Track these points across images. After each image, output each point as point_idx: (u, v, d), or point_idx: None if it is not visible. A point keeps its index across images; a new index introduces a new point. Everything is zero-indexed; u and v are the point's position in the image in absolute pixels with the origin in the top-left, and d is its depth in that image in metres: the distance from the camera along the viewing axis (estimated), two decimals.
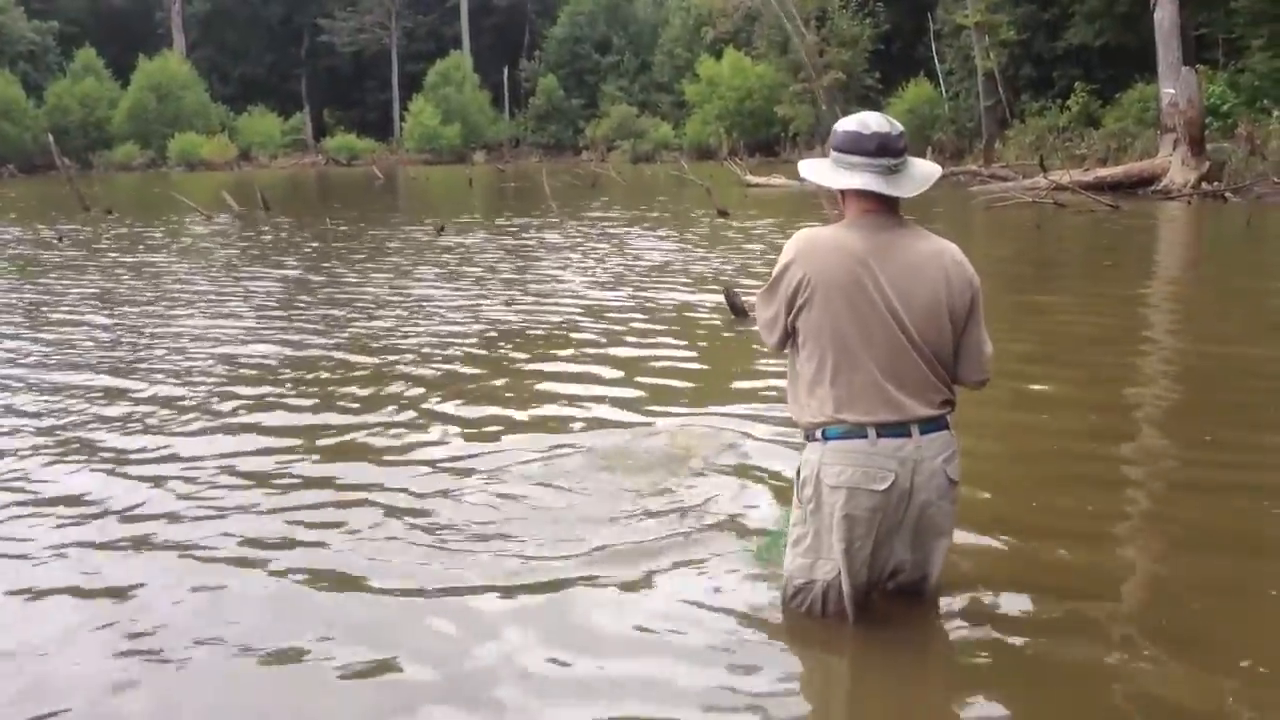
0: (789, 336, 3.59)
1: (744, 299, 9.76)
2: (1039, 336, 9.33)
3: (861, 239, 3.49)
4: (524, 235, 19.67)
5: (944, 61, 46.46)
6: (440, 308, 11.19)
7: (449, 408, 6.95)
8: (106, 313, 11.39)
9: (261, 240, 19.81)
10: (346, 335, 9.71)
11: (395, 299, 11.85)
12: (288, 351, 8.97)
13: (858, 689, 3.57)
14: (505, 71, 76.74)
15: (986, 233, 19.83)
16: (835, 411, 3.44)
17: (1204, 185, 23.61)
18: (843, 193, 3.58)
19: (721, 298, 10.25)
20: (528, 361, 8.46)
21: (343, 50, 76.86)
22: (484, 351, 8.85)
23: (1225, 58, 31.97)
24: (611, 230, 20.07)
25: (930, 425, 3.47)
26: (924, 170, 3.57)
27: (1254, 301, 11.18)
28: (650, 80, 71.97)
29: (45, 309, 11.73)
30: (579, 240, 18.34)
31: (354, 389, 7.57)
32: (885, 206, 3.53)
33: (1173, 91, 25.15)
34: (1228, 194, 23.10)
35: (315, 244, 18.82)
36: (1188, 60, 26.47)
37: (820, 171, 3.59)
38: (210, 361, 8.60)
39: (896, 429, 3.42)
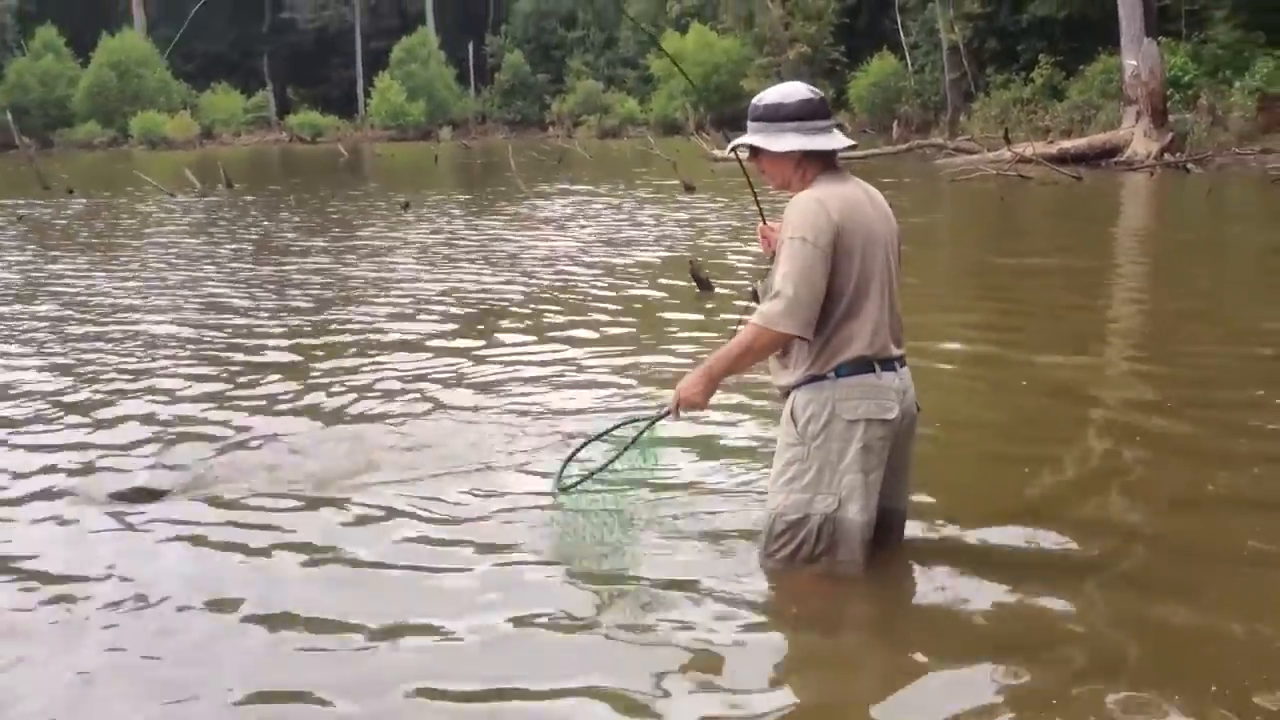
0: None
1: (708, 274, 9.80)
2: (1007, 302, 9.51)
3: (853, 190, 3.67)
4: (488, 212, 19.59)
5: (909, 35, 46.55)
6: (411, 282, 11.18)
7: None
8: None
9: (227, 216, 19.65)
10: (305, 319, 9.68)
11: (359, 276, 11.82)
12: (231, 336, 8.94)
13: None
14: (470, 47, 76.31)
15: (952, 204, 19.92)
16: (866, 348, 3.59)
17: (1166, 156, 23.82)
18: (797, 161, 3.67)
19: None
20: (491, 338, 8.48)
21: (306, 27, 76.25)
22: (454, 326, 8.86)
23: (1188, 29, 32.10)
24: (576, 205, 20.04)
25: (903, 360, 3.74)
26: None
27: (1214, 267, 11.31)
28: (616, 55, 71.72)
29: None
30: (547, 215, 18.29)
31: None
32: (835, 164, 3.72)
33: (1135, 63, 25.32)
34: (1189, 165, 23.31)
35: (268, 222, 18.69)
36: (1150, 31, 26.62)
37: (787, 140, 3.64)
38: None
39: (889, 363, 3.66)
